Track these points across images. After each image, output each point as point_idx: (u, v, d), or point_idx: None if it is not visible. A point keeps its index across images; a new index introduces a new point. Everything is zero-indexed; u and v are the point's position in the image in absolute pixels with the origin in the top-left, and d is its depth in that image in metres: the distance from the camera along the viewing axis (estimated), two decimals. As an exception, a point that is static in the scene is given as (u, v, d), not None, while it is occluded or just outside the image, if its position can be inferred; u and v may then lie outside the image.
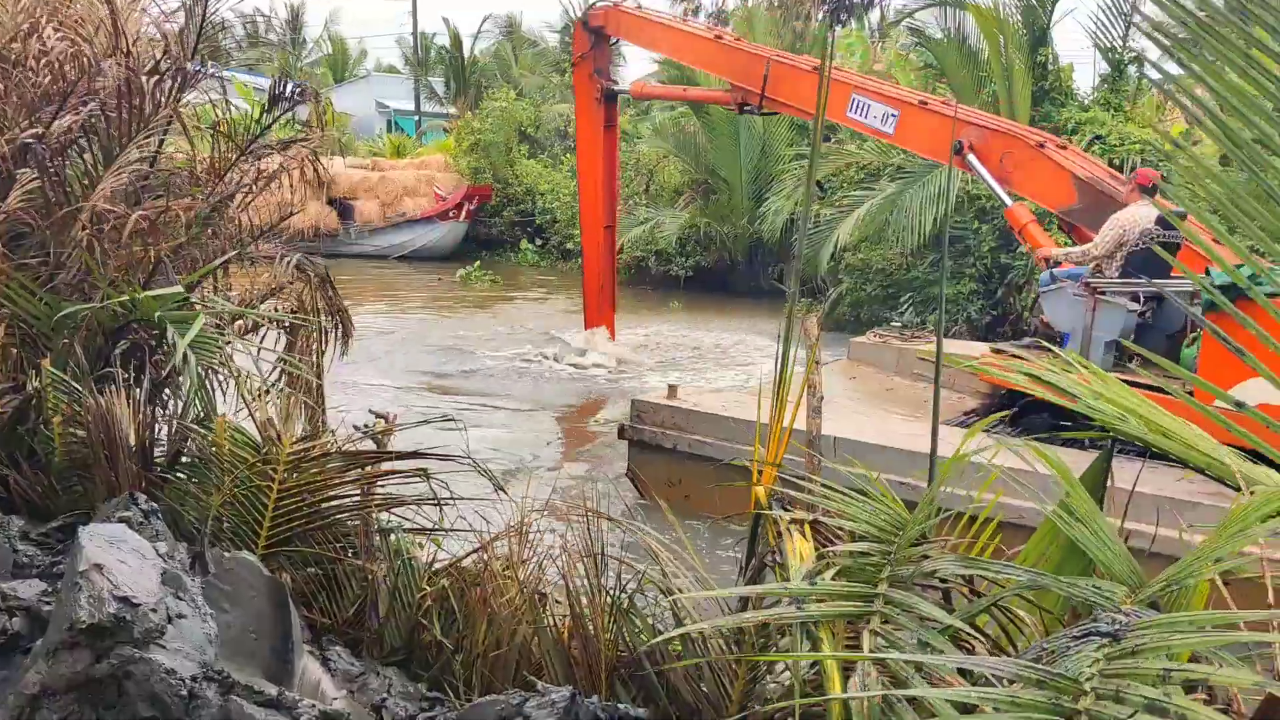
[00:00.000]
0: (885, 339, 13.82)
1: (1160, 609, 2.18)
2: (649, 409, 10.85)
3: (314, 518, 3.96)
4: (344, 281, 22.46)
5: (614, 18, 16.46)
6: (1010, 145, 11.28)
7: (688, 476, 10.17)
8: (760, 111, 14.63)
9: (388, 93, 48.05)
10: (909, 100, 12.56)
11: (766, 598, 3.00)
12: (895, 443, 9.17)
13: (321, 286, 6.04)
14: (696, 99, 19.66)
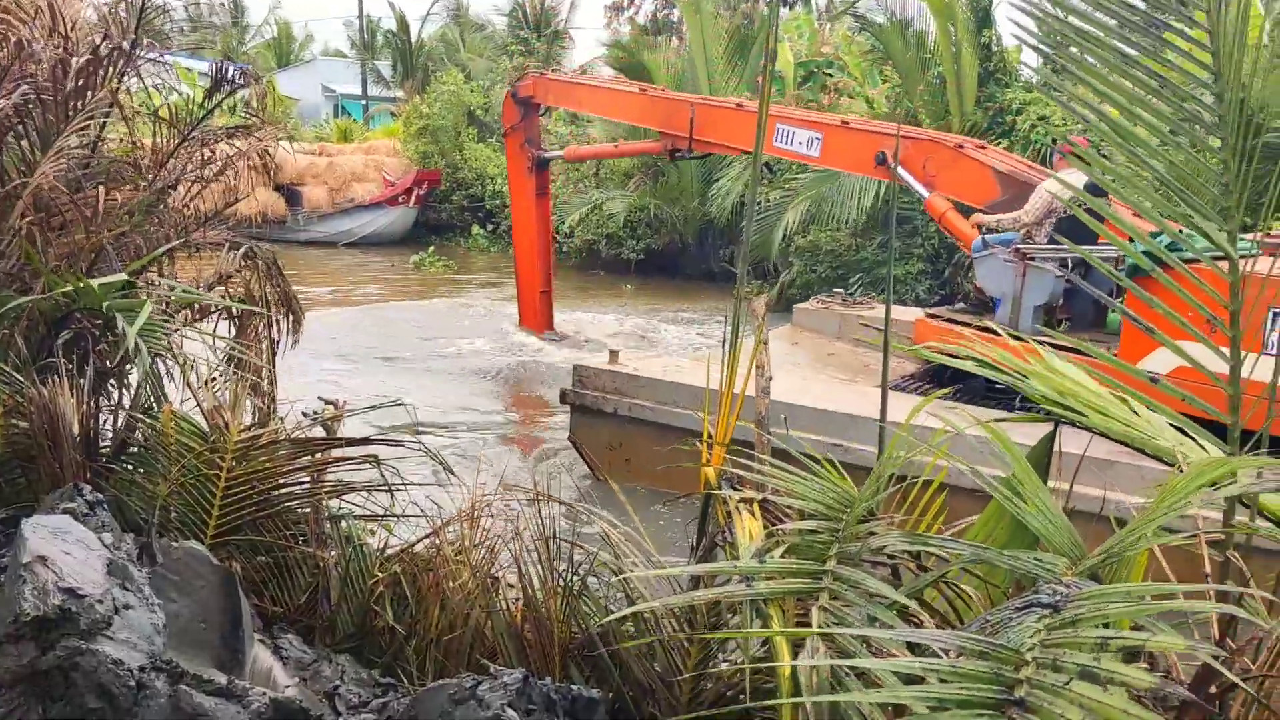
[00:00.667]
0: (828, 305, 14.05)
1: (1100, 580, 2.23)
2: (590, 374, 11.06)
3: (263, 506, 3.93)
4: (294, 269, 22.30)
5: (542, 86, 16.89)
6: (931, 151, 11.78)
7: (628, 440, 10.48)
8: (691, 155, 15.10)
9: (334, 77, 47.49)
10: (831, 123, 13.10)
11: (717, 576, 3.03)
12: (832, 406, 9.40)
13: (270, 274, 5.98)
14: (629, 153, 20.15)
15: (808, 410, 9.30)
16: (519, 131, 17.00)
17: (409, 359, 16.83)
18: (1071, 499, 2.91)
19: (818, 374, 11.43)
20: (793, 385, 10.02)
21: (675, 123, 14.51)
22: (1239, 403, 2.44)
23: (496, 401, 14.82)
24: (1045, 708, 1.54)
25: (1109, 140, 2.70)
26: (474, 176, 31.96)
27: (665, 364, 11.46)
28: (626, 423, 10.72)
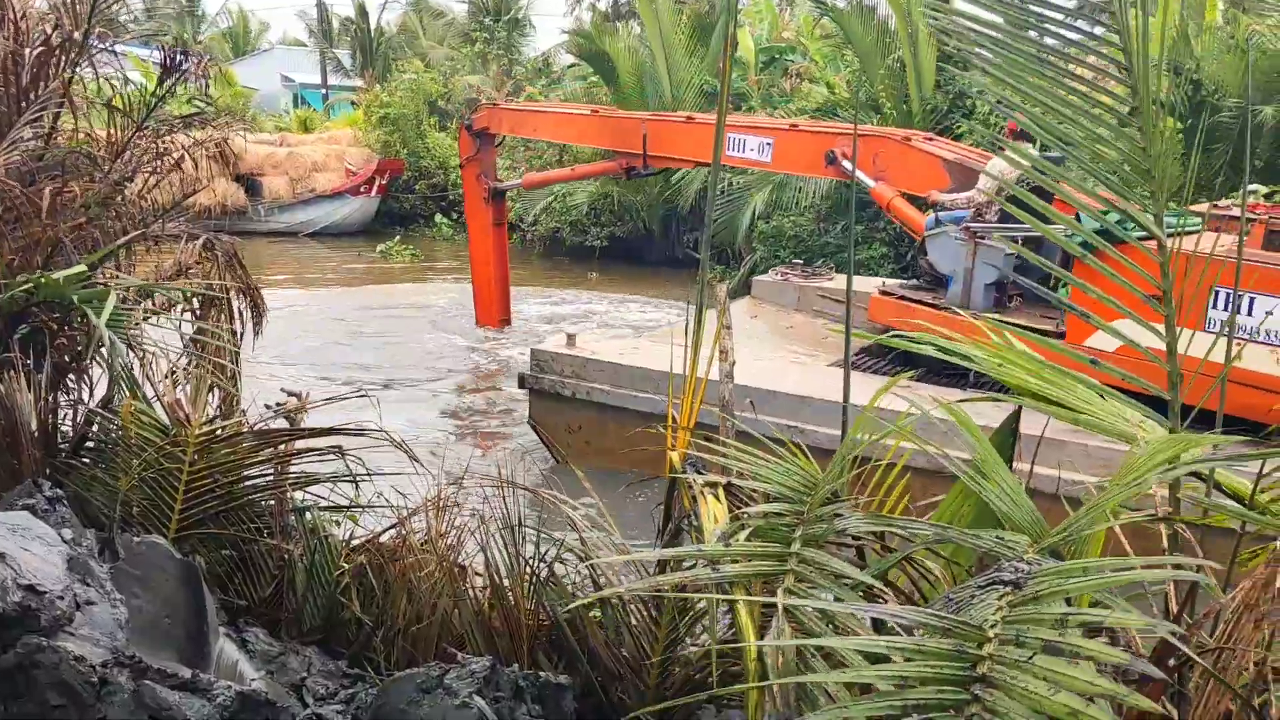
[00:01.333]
0: (787, 277, 14.16)
1: (1062, 557, 2.25)
2: (548, 358, 11.10)
3: (227, 499, 3.90)
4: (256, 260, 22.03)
5: (495, 117, 16.92)
6: (879, 146, 11.95)
7: (587, 423, 10.55)
8: (646, 172, 15.19)
9: (293, 66, 47.00)
10: (780, 127, 13.25)
11: (684, 560, 3.04)
12: (786, 387, 9.49)
13: (230, 265, 5.92)
14: (586, 175, 20.12)
15: (760, 392, 9.38)
16: (474, 163, 17.00)
17: (376, 350, 16.73)
18: (1030, 479, 2.94)
19: (776, 348, 11.54)
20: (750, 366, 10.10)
21: (628, 141, 14.64)
22: (1177, 379, 2.47)
23: (461, 392, 14.77)
24: (1008, 683, 1.56)
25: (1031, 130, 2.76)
26: (436, 165, 31.78)
27: (622, 346, 11.53)
28: (585, 406, 10.79)
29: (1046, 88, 2.68)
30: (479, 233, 17.35)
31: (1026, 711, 1.51)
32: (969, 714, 1.52)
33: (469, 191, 17.44)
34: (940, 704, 1.54)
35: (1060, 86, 2.70)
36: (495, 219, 17.18)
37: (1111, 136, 2.71)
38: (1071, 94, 2.66)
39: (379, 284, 23.63)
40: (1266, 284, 8.88)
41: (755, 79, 25.61)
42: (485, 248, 17.22)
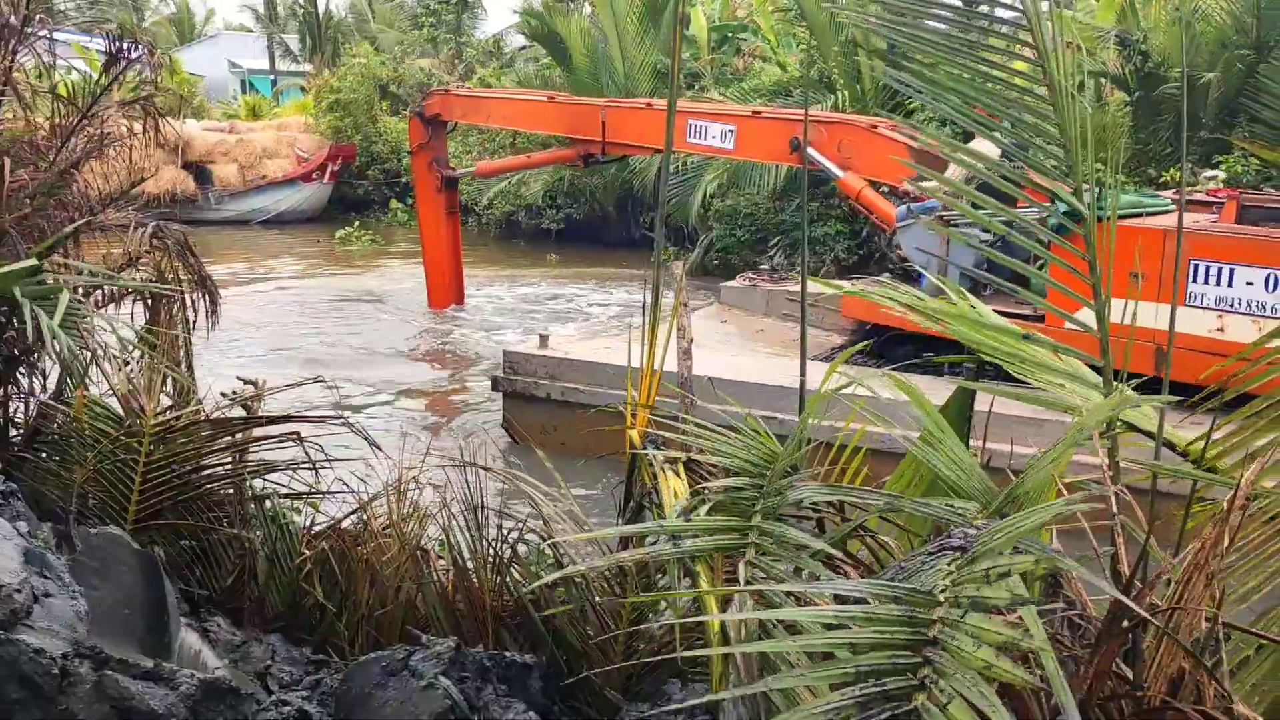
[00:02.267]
0: (754, 281, 14.16)
1: (1013, 521, 2.29)
2: (521, 359, 11.01)
3: (185, 489, 3.87)
4: (209, 248, 21.93)
5: (447, 103, 16.66)
6: (845, 133, 11.85)
7: (562, 423, 10.46)
8: (604, 159, 14.99)
9: (240, 52, 46.36)
10: (742, 114, 13.11)
11: (646, 537, 3.05)
12: (763, 379, 9.52)
13: (181, 254, 5.85)
14: (541, 163, 19.88)
15: (744, 385, 9.40)
16: (427, 151, 16.72)
17: (334, 338, 16.62)
18: (988, 456, 3.00)
19: (750, 350, 11.56)
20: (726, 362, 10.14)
21: (586, 128, 14.42)
22: (1108, 345, 2.52)
23: (420, 376, 14.71)
24: (953, 645, 1.59)
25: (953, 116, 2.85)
26: (389, 150, 31.52)
27: (595, 346, 11.47)
28: (560, 406, 10.66)
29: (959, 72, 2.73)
30: (431, 222, 17.12)
31: (967, 670, 1.55)
32: (921, 676, 1.55)
33: (420, 180, 17.17)
34: (892, 667, 1.57)
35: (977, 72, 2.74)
36: (448, 207, 16.96)
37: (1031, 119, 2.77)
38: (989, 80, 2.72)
39: (338, 270, 23.44)
40: (1245, 255, 9.02)
41: (708, 58, 25.58)
42: (438, 237, 17.00)
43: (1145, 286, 9.15)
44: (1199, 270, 8.97)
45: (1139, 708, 2.36)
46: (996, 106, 2.82)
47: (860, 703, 1.53)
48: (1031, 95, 2.78)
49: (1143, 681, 2.39)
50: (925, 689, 1.52)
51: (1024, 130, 2.85)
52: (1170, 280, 3.33)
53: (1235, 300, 8.99)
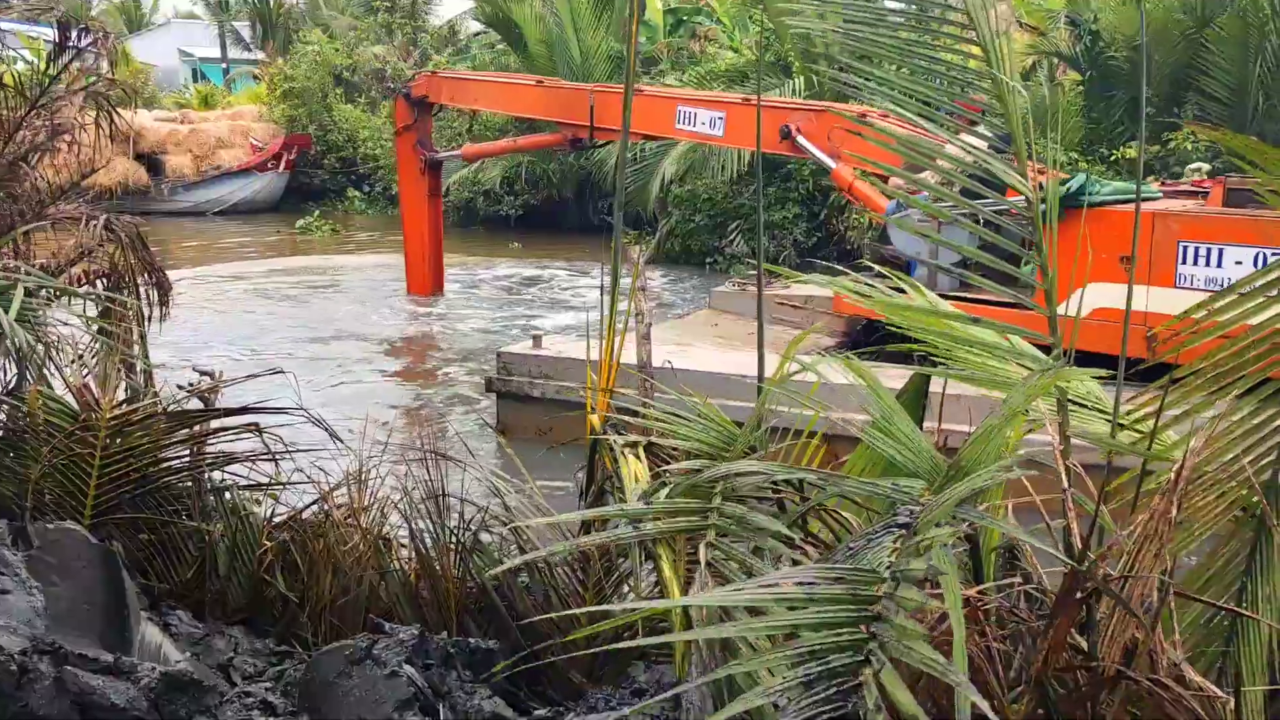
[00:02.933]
0: (744, 286, 14.25)
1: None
2: (515, 360, 10.91)
3: (142, 482, 3.84)
4: (163, 240, 21.63)
5: (435, 85, 16.49)
6: (835, 122, 11.74)
7: (559, 424, 10.41)
8: (592, 144, 14.86)
9: (190, 40, 45.73)
10: (733, 101, 13.02)
11: (609, 521, 3.07)
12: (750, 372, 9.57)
13: (134, 247, 5.79)
14: (528, 147, 19.70)
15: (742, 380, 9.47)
16: (411, 132, 16.54)
17: (296, 327, 16.48)
18: (944, 437, 3.04)
19: (743, 351, 11.55)
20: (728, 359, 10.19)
21: (574, 112, 14.24)
22: (1055, 323, 2.57)
23: (380, 364, 14.63)
24: (896, 619, 1.62)
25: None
26: (344, 139, 31.25)
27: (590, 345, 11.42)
28: (555, 406, 10.58)
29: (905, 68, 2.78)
30: (413, 204, 16.93)
31: (905, 644, 1.58)
32: (866, 651, 1.57)
33: (403, 161, 16.96)
34: (837, 645, 1.60)
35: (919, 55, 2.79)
36: (431, 189, 16.77)
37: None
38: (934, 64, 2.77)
39: (298, 260, 23.24)
40: (1234, 235, 9.15)
41: (664, 43, 25.55)
42: (420, 219, 16.80)
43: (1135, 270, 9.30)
44: (1188, 252, 9.07)
45: (1094, 677, 2.41)
46: (941, 101, 2.86)
47: (806, 682, 1.55)
48: (976, 87, 2.81)
49: (1097, 652, 2.44)
50: (870, 664, 1.55)
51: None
52: (1159, 263, 3.37)
53: (1225, 280, 9.12)
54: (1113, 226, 9.31)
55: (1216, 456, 2.53)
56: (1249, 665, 2.48)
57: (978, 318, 2.65)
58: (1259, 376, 2.50)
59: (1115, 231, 9.27)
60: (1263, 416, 2.56)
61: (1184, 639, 2.52)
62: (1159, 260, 9.13)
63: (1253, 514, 2.53)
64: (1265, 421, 2.56)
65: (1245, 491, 2.54)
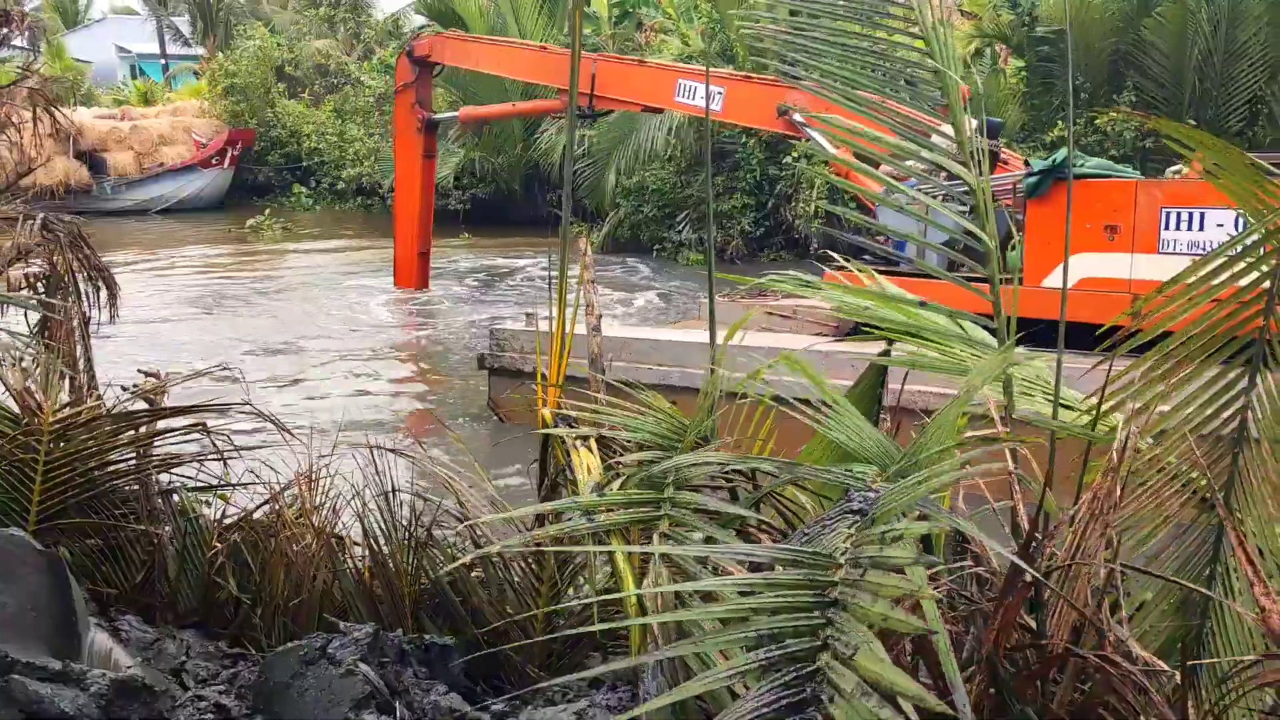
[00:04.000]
0: (732, 299, 14.37)
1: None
2: (508, 336, 11.02)
3: (88, 486, 3.78)
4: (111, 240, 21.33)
5: (439, 46, 16.53)
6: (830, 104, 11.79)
7: (506, 401, 10.53)
8: (592, 113, 14.94)
9: (127, 36, 45.00)
10: (733, 77, 13.19)
11: (564, 514, 3.07)
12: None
13: (74, 246, 5.69)
14: (526, 112, 19.66)
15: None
16: (410, 90, 16.50)
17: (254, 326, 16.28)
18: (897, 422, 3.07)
19: None
20: None
21: None
22: (999, 301, 2.60)
23: (331, 361, 14.51)
24: (853, 603, 1.63)
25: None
26: (289, 134, 30.93)
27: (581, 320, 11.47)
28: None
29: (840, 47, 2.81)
30: (407, 164, 16.92)
31: (863, 627, 1.60)
32: (824, 636, 1.59)
33: (400, 120, 16.94)
34: (795, 629, 1.61)
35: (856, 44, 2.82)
36: (427, 151, 16.78)
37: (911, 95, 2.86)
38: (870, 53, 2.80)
39: (249, 257, 22.97)
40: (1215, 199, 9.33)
41: (609, 34, 25.52)
42: (412, 180, 16.78)
43: (1119, 239, 9.44)
44: (1170, 217, 9.27)
45: (1044, 656, 2.45)
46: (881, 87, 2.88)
47: (765, 666, 1.56)
48: (917, 72, 2.84)
49: (1046, 631, 2.48)
50: (828, 648, 1.56)
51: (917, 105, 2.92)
52: (1143, 230, 3.40)
53: (1208, 244, 9.30)
54: (1095, 199, 9.60)
55: (1173, 445, 2.56)
56: (1221, 644, 2.52)
57: (925, 301, 2.67)
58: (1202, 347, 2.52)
59: (1099, 204, 9.57)
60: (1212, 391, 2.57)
61: (1146, 620, 2.56)
62: (1142, 228, 9.37)
63: (1210, 503, 2.56)
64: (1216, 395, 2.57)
65: (1204, 482, 2.57)
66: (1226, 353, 2.50)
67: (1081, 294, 8.95)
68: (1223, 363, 2.49)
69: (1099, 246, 9.39)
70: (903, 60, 2.90)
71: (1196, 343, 2.49)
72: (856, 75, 2.85)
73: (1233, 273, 2.42)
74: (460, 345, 14.96)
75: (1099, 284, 9.11)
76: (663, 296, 17.35)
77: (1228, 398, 2.55)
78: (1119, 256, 9.36)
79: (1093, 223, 9.44)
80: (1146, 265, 9.20)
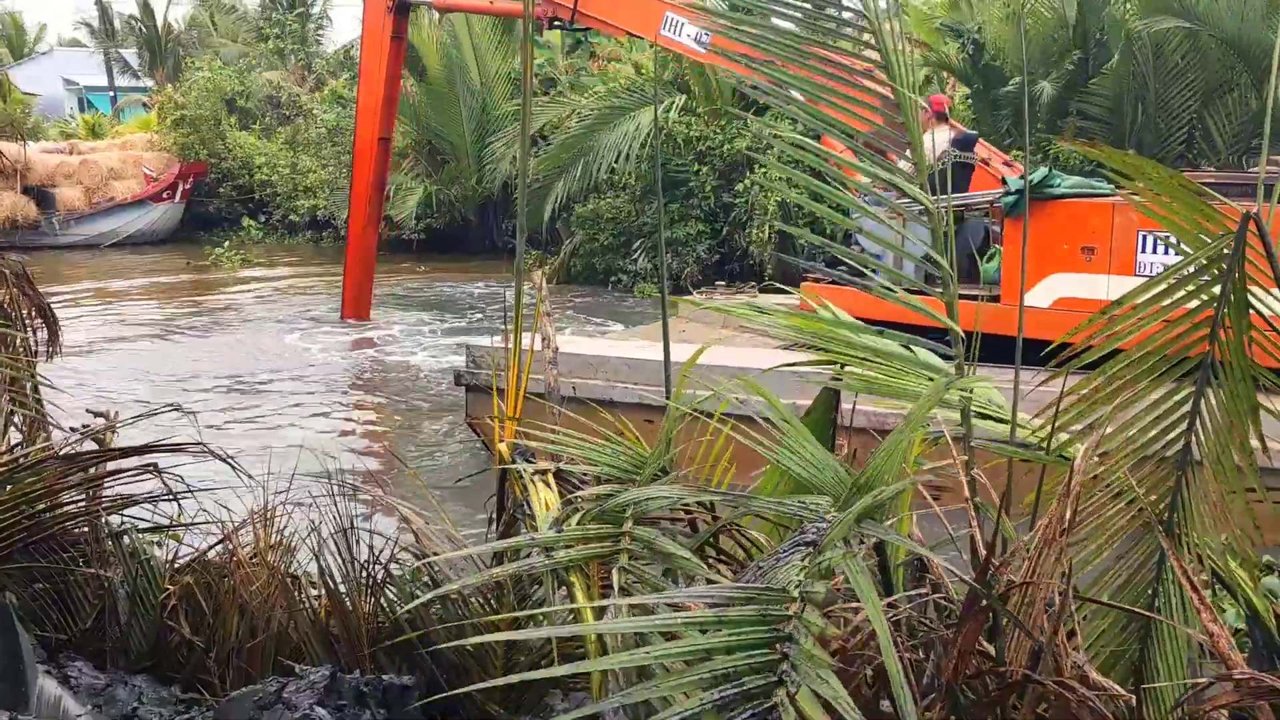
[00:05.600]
0: (710, 295, 14.48)
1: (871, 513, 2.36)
2: (484, 353, 10.91)
3: (35, 530, 3.70)
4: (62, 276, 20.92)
5: None
6: None
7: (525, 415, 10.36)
8: (571, 26, 14.52)
9: (75, 68, 44.59)
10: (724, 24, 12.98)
11: (521, 550, 3.05)
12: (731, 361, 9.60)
13: (20, 284, 5.61)
14: (503, 12, 19.07)
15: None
16: None
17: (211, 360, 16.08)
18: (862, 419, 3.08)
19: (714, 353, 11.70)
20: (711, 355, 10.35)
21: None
22: (955, 314, 2.62)
23: (285, 395, 14.37)
24: (804, 641, 1.63)
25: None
26: (239, 166, 30.71)
27: (561, 339, 11.41)
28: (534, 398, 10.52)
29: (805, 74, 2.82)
30: (374, 50, 16.34)
31: (817, 664, 1.59)
32: (780, 672, 1.59)
33: (370, 10, 16.28)
34: (750, 667, 1.61)
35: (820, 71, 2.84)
36: (395, 32, 16.23)
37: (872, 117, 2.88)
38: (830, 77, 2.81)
39: (205, 290, 22.74)
40: None
41: (564, 63, 25.64)
42: (378, 69, 16.23)
43: (1096, 260, 9.39)
44: (1147, 241, 9.28)
45: (1002, 682, 2.46)
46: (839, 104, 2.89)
47: (720, 705, 1.56)
48: (875, 94, 2.86)
49: (1005, 657, 2.49)
50: (783, 684, 1.56)
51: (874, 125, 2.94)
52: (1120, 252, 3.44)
53: None
54: (1073, 219, 9.57)
55: (1120, 461, 2.59)
56: (1164, 665, 2.54)
57: (882, 329, 2.69)
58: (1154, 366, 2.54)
59: (1076, 225, 9.54)
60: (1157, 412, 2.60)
61: (1098, 642, 2.58)
62: (1119, 250, 9.37)
63: (1158, 520, 2.59)
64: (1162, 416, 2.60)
65: (1153, 498, 2.60)
66: (1174, 374, 2.54)
67: (1057, 314, 9.07)
68: (1173, 383, 2.53)
69: (1076, 267, 9.38)
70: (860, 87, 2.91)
71: (1144, 363, 2.52)
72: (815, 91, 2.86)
73: (1176, 297, 2.46)
74: (418, 376, 14.87)
75: (1075, 304, 9.10)
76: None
77: (1173, 419, 2.58)
78: (1095, 278, 9.34)
79: (1069, 243, 9.45)
80: (1123, 287, 9.09)
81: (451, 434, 12.13)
